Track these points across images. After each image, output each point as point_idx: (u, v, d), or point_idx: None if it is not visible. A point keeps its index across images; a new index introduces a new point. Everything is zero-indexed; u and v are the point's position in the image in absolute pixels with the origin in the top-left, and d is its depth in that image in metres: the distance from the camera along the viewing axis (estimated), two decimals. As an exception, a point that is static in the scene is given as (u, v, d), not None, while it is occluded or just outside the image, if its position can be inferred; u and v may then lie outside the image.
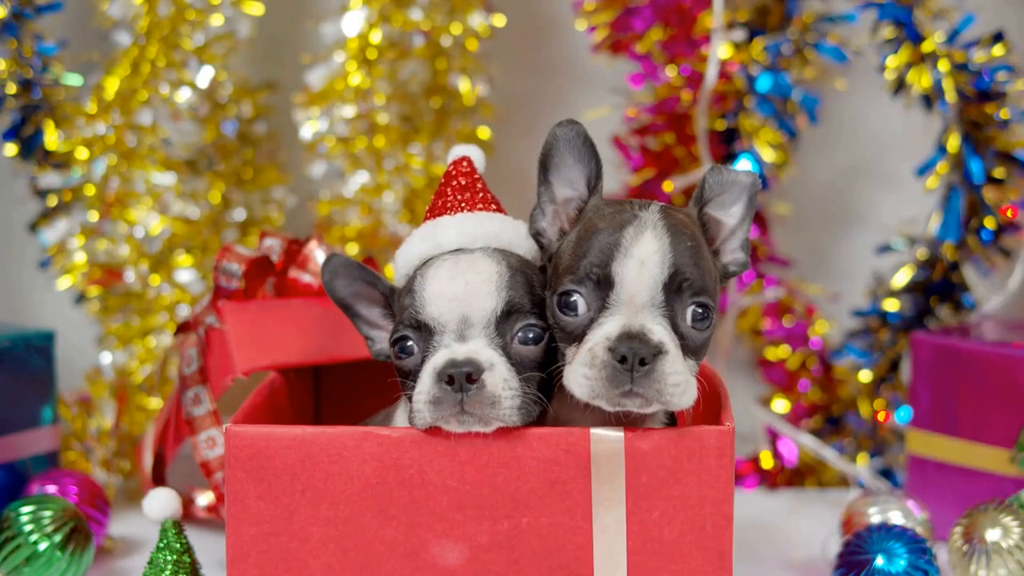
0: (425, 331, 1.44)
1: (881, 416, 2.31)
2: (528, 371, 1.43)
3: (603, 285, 1.39)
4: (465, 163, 1.58)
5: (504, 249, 1.51)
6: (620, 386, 1.35)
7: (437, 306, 1.44)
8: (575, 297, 1.40)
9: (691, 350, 1.41)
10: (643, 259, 1.38)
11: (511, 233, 1.54)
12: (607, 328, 1.37)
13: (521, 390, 1.40)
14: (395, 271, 1.57)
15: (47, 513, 1.75)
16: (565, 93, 2.57)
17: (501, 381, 1.39)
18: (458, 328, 1.43)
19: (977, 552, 1.70)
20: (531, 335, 1.44)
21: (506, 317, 1.43)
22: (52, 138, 2.23)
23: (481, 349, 1.41)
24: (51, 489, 1.92)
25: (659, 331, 1.37)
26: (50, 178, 2.26)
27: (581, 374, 1.37)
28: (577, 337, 1.40)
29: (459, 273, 1.45)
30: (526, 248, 1.53)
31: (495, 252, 1.49)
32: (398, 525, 1.41)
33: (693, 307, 1.40)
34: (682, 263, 1.39)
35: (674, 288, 1.38)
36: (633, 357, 1.34)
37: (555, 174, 1.50)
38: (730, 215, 1.49)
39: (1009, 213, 2.21)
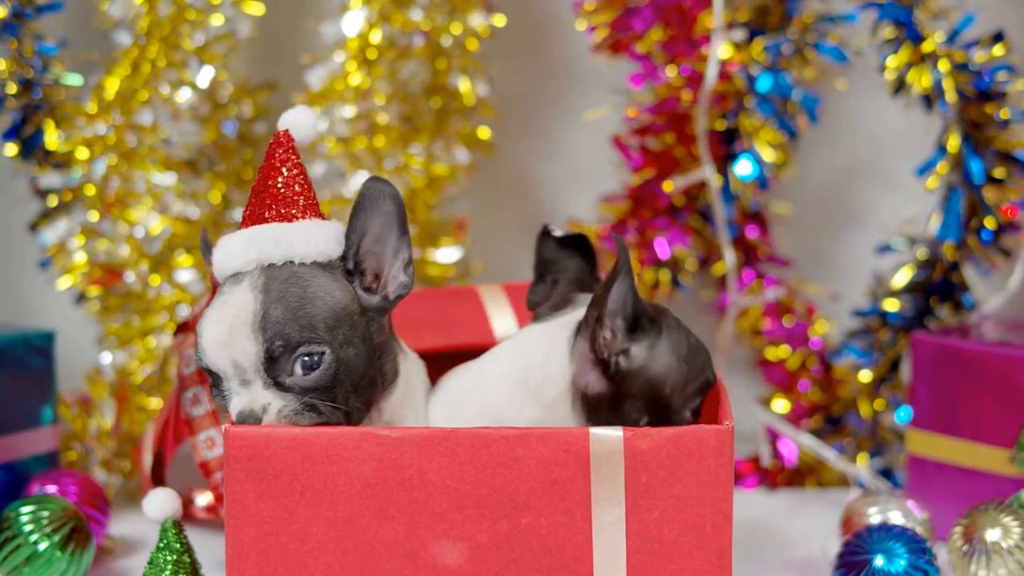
0: None
1: (879, 405, 2.31)
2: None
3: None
4: None
5: None
6: None
7: None
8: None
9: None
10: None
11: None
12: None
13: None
14: None
15: (47, 513, 1.75)
16: (565, 93, 2.57)
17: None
18: None
19: (977, 552, 1.70)
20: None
21: None
22: (52, 138, 2.23)
23: None
24: (51, 489, 1.92)
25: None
26: (50, 178, 2.26)
27: None
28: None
29: None
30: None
31: None
32: (398, 525, 1.41)
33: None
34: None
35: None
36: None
37: None
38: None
39: (1008, 213, 2.21)
